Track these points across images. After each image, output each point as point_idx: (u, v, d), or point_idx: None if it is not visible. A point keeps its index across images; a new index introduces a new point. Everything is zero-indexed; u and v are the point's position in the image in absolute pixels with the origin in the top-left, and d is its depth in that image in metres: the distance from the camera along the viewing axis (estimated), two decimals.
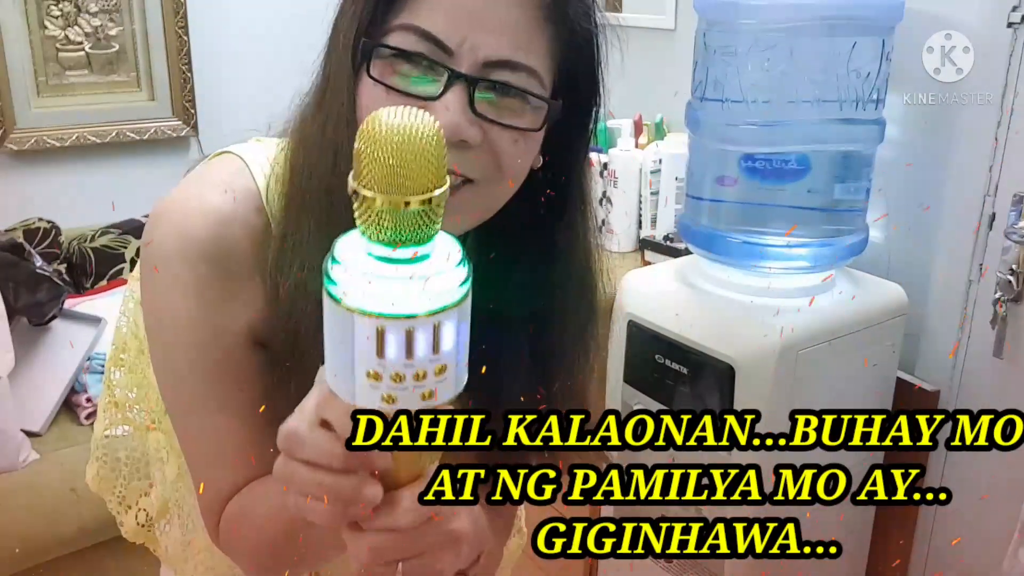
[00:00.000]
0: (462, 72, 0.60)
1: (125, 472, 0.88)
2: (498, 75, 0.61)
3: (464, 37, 0.60)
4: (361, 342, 0.45)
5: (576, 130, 0.71)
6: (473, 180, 0.64)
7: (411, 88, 0.61)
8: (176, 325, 0.68)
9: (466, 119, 0.60)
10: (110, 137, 2.50)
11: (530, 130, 0.64)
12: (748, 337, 1.39)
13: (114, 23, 2.46)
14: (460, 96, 0.60)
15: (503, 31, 0.61)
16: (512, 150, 0.64)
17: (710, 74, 1.46)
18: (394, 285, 0.44)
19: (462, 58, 0.60)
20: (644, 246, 1.95)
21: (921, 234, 1.63)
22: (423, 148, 0.43)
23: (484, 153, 0.63)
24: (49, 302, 2.10)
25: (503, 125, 0.62)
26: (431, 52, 0.61)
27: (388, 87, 0.61)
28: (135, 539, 0.92)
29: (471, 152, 0.62)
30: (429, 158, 0.43)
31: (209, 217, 0.66)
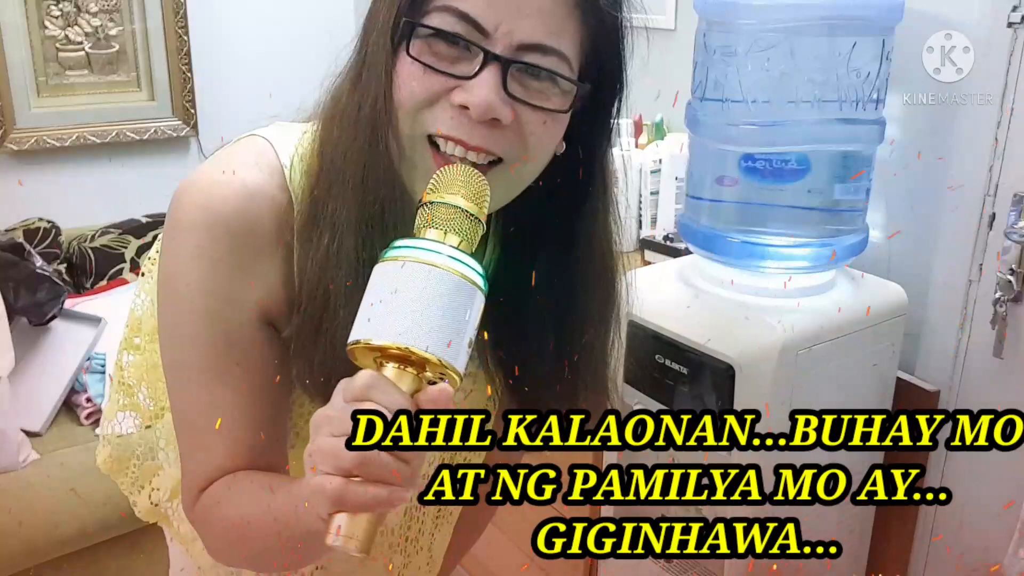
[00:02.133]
0: (497, 53, 0.63)
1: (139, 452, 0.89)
2: (530, 58, 0.64)
3: (500, 20, 0.63)
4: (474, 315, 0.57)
5: (600, 117, 0.73)
6: (501, 159, 0.66)
7: (448, 67, 0.64)
8: (190, 291, 0.70)
9: (499, 98, 0.63)
10: (110, 137, 2.50)
11: (558, 111, 0.67)
12: (748, 337, 1.39)
13: (114, 23, 2.46)
14: (494, 76, 0.63)
15: (537, 16, 0.64)
16: (540, 131, 0.66)
17: (710, 74, 1.46)
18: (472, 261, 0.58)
19: (497, 40, 0.63)
20: (644, 246, 1.95)
21: (921, 234, 1.63)
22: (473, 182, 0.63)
23: (513, 133, 0.66)
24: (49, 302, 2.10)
25: (533, 106, 0.65)
26: (468, 33, 0.64)
27: (426, 66, 0.64)
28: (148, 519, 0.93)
29: (501, 131, 0.65)
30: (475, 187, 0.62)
31: (235, 189, 0.69)
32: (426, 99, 0.65)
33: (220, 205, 0.68)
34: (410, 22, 0.65)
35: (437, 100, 0.65)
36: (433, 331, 0.54)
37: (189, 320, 0.71)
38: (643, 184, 1.97)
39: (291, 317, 0.70)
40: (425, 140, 0.66)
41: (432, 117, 0.65)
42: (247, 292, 0.70)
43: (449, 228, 0.59)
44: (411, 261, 0.56)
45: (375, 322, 0.55)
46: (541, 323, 0.76)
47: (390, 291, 0.55)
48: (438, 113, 0.65)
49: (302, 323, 0.69)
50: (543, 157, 0.70)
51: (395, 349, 0.54)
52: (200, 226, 0.68)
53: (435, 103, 0.65)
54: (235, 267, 0.69)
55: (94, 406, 2.09)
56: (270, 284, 0.70)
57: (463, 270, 0.57)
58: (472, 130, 0.64)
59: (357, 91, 0.69)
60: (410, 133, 0.66)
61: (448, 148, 0.65)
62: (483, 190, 0.61)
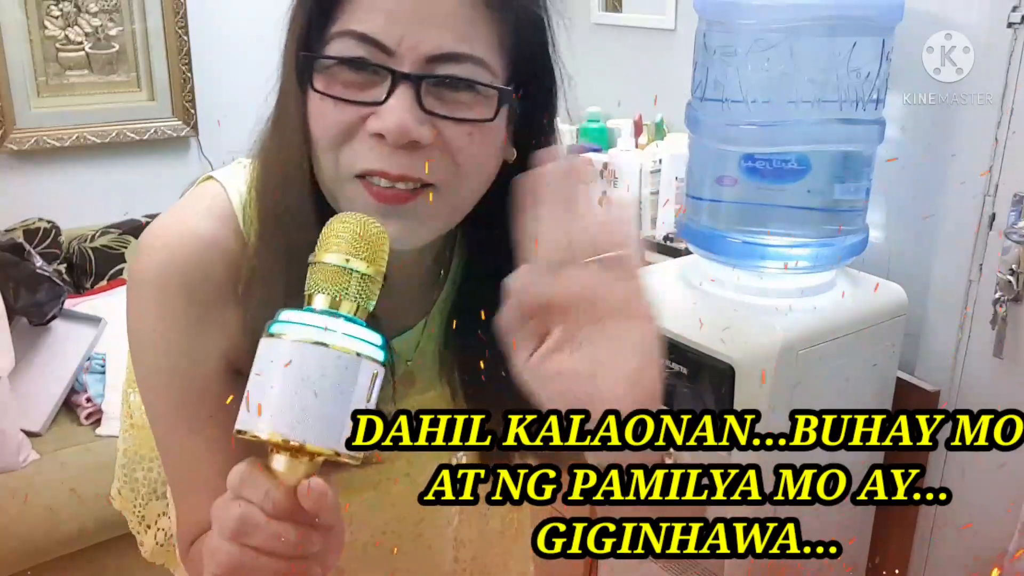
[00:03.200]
0: (405, 72, 0.59)
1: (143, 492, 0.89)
2: (443, 69, 0.60)
3: (402, 35, 0.59)
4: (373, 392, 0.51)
5: (538, 118, 0.69)
6: (432, 184, 0.62)
7: (357, 95, 0.60)
8: (153, 348, 0.69)
9: (414, 118, 0.59)
10: (110, 137, 2.50)
11: (483, 120, 0.62)
12: (748, 337, 1.39)
13: (114, 23, 2.46)
14: (406, 96, 0.59)
15: (443, 23, 0.60)
16: (468, 145, 0.62)
17: (710, 74, 1.46)
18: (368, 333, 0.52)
19: (403, 57, 0.59)
20: (644, 246, 1.95)
21: (921, 234, 1.63)
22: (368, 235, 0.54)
23: (439, 152, 0.61)
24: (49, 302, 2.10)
25: (454, 119, 0.61)
26: (371, 55, 0.60)
27: (335, 98, 0.61)
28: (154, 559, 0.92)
29: (424, 152, 0.61)
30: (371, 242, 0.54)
31: (187, 244, 0.67)
32: (341, 134, 0.61)
33: (173, 259, 0.67)
34: (309, 55, 0.62)
35: (353, 133, 0.61)
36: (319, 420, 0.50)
37: (154, 376, 0.71)
38: (643, 184, 1.97)
39: None
40: (354, 179, 0.62)
41: (352, 153, 0.62)
42: (208, 345, 0.69)
43: (339, 293, 0.53)
44: (296, 340, 0.50)
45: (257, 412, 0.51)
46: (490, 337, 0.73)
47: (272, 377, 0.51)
48: (356, 147, 0.61)
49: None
50: (480, 172, 0.65)
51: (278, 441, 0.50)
52: (155, 282, 0.67)
53: (352, 137, 0.61)
54: (193, 321, 0.68)
55: (94, 406, 2.09)
56: (231, 334, 0.68)
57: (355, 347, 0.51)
58: (391, 158, 0.60)
59: (277, 132, 0.66)
60: (336, 175, 0.63)
61: (374, 180, 0.62)
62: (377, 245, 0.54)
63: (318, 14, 0.62)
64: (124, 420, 0.88)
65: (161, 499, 0.91)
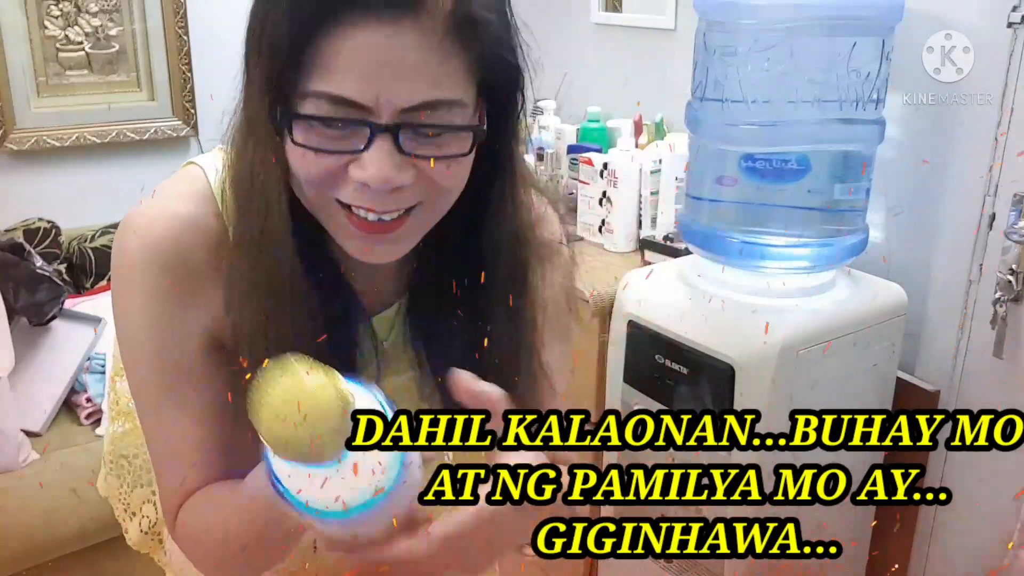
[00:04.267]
0: (383, 124, 0.61)
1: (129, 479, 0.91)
2: (419, 117, 0.62)
3: (378, 93, 0.60)
4: None
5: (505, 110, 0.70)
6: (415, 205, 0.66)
7: (338, 145, 0.62)
8: (137, 329, 0.72)
9: (395, 166, 0.62)
10: (110, 137, 2.50)
11: (460, 155, 0.65)
12: (748, 337, 1.39)
13: (114, 23, 2.46)
14: (385, 145, 0.61)
15: (415, 75, 0.61)
16: (447, 175, 0.65)
17: (710, 74, 1.46)
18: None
19: (381, 110, 0.61)
20: (644, 246, 1.95)
21: (921, 234, 1.63)
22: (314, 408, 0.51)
23: (421, 183, 0.64)
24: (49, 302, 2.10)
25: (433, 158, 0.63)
26: (348, 114, 0.61)
27: (316, 150, 0.62)
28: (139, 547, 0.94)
29: (408, 189, 0.64)
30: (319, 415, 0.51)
31: (169, 224, 0.70)
32: (323, 179, 0.64)
33: (154, 240, 0.69)
34: (288, 112, 0.63)
35: (338, 176, 0.63)
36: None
37: (139, 356, 0.73)
38: (643, 184, 1.97)
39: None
40: (336, 203, 0.65)
41: (336, 190, 0.64)
42: (191, 322, 0.71)
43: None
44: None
45: None
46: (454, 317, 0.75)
47: None
48: (341, 186, 0.64)
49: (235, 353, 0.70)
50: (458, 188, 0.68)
51: None
52: (137, 263, 0.70)
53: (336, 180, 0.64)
54: (174, 300, 0.70)
55: (94, 406, 2.09)
56: (213, 311, 0.71)
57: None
58: (376, 198, 0.63)
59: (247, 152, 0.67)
60: (319, 202, 0.66)
61: (360, 212, 0.65)
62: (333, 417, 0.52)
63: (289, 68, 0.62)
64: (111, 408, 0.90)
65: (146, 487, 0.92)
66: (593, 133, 2.26)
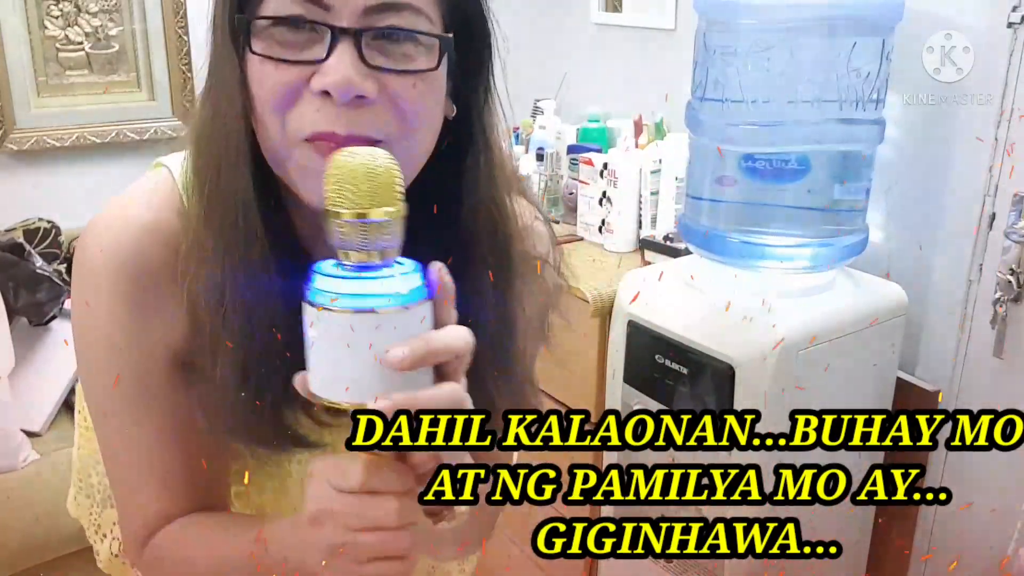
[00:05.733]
0: (343, 26, 0.58)
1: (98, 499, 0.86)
2: (382, 20, 0.59)
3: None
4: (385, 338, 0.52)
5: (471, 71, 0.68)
6: (381, 140, 0.61)
7: (299, 55, 0.60)
8: (96, 338, 0.68)
9: (358, 73, 0.58)
10: (110, 137, 2.50)
11: (427, 70, 0.62)
12: (748, 337, 1.39)
13: (114, 23, 2.46)
14: (347, 51, 0.58)
15: None
16: (413, 96, 0.61)
17: (710, 74, 1.45)
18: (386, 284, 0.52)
19: (341, 11, 0.58)
20: (644, 246, 1.95)
21: (921, 234, 1.63)
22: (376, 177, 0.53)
23: (385, 108, 0.61)
24: (49, 302, 2.10)
25: (398, 72, 0.60)
26: (309, 12, 0.59)
27: (276, 60, 0.60)
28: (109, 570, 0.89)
29: (371, 110, 0.60)
30: (382, 183, 0.53)
31: (130, 230, 0.67)
32: (286, 95, 0.60)
33: (113, 246, 0.66)
34: (244, 16, 0.60)
35: (298, 94, 0.60)
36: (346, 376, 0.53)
37: (99, 368, 0.69)
38: (643, 184, 1.97)
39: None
40: (303, 143, 0.61)
41: (298, 117, 0.60)
42: (153, 334, 0.68)
43: (364, 246, 0.53)
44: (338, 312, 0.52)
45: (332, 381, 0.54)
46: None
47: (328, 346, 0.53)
48: (303, 110, 0.60)
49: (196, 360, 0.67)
50: (427, 125, 0.64)
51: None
52: (96, 270, 0.67)
53: (298, 97, 0.60)
54: (135, 309, 0.67)
55: None
56: (175, 321, 0.67)
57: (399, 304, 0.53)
58: (339, 118, 0.59)
59: (210, 101, 0.65)
60: (284, 139, 0.62)
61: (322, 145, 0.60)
62: (391, 183, 0.54)
63: None
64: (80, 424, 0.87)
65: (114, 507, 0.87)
66: (593, 133, 2.26)
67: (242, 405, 0.64)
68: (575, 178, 2.11)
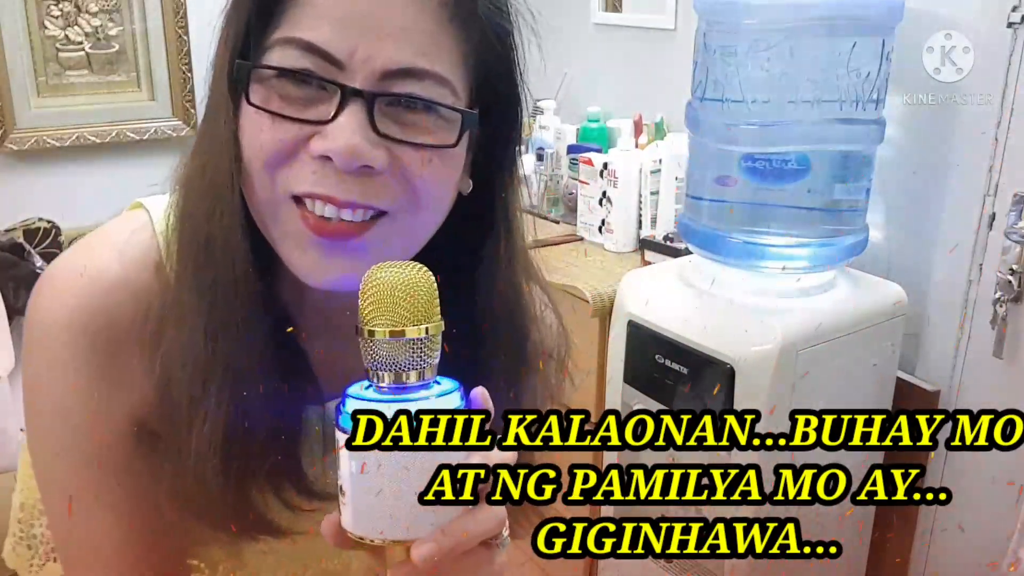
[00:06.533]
0: (357, 88, 0.52)
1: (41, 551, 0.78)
2: (400, 86, 0.53)
3: (355, 46, 0.52)
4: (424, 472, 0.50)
5: (497, 147, 0.62)
6: (386, 212, 0.56)
7: (301, 112, 0.53)
8: (51, 406, 0.60)
9: (366, 141, 0.52)
10: (110, 137, 2.50)
11: (444, 147, 0.55)
12: (748, 337, 1.39)
13: (114, 23, 2.46)
14: (357, 115, 0.52)
15: (401, 35, 0.53)
16: (426, 173, 0.55)
17: (710, 74, 1.45)
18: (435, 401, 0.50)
19: (356, 71, 0.52)
20: (644, 246, 1.95)
21: (921, 234, 1.63)
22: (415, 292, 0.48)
23: (393, 179, 0.55)
24: None
25: (411, 144, 0.54)
26: (319, 67, 0.53)
27: (273, 114, 0.53)
28: None
29: (378, 179, 0.54)
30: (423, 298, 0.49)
31: (95, 284, 0.59)
32: (278, 153, 0.54)
33: (78, 302, 0.58)
34: (245, 64, 0.54)
35: (293, 153, 0.54)
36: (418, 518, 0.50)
37: (52, 442, 0.61)
38: (643, 184, 1.97)
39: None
40: (290, 201, 0.55)
41: (291, 175, 0.54)
42: (115, 403, 0.60)
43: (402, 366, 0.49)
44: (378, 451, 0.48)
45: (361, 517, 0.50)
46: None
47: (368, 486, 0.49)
48: (297, 169, 0.54)
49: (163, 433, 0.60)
50: (438, 203, 0.58)
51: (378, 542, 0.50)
52: (55, 329, 0.58)
53: (292, 157, 0.54)
54: (97, 374, 0.59)
55: None
56: (141, 388, 0.59)
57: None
58: (340, 183, 0.53)
59: (201, 150, 0.59)
60: (270, 196, 0.55)
61: (317, 208, 0.54)
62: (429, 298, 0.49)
63: (257, 17, 0.54)
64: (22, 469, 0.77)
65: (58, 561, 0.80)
66: (593, 133, 2.26)
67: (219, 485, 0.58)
68: (575, 178, 2.11)
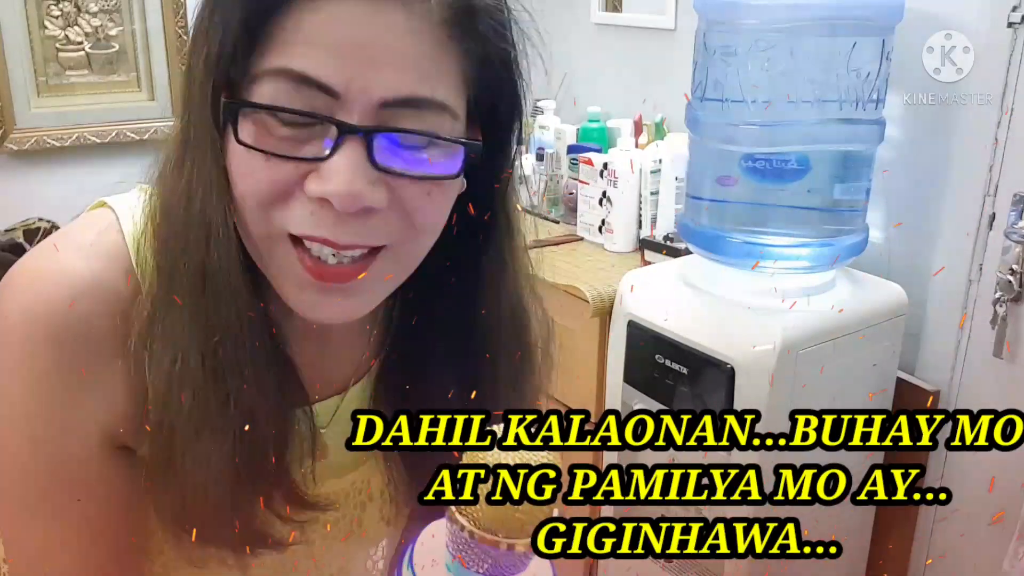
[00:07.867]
0: (354, 124, 0.49)
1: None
2: (400, 116, 0.50)
3: (351, 76, 0.49)
4: None
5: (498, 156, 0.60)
6: (384, 246, 0.54)
7: (294, 150, 0.50)
8: (11, 415, 0.56)
9: (366, 181, 0.50)
10: (110, 137, 2.50)
11: (445, 177, 0.53)
12: (748, 337, 1.39)
13: (114, 23, 2.46)
14: (355, 152, 0.49)
15: (400, 63, 0.50)
16: (426, 205, 0.53)
17: (710, 74, 1.46)
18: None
19: (352, 103, 0.49)
20: (644, 246, 1.95)
21: (921, 234, 1.63)
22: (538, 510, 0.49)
23: (394, 213, 0.52)
24: None
25: (411, 177, 0.52)
26: (313, 101, 0.49)
27: (265, 154, 0.50)
28: None
29: (378, 215, 0.52)
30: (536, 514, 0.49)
31: (62, 287, 0.55)
32: (272, 195, 0.51)
33: (42, 307, 0.54)
34: (234, 103, 0.50)
35: (289, 194, 0.51)
36: None
37: (13, 450, 0.57)
38: (643, 184, 1.97)
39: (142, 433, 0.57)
40: (287, 240, 0.52)
41: (288, 215, 0.51)
42: (83, 413, 0.56)
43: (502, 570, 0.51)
44: None
45: None
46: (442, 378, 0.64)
47: None
48: (294, 209, 0.51)
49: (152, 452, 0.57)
50: (437, 227, 0.56)
51: None
52: (18, 334, 0.54)
53: (288, 197, 0.51)
54: (65, 383, 0.55)
55: None
56: (113, 398, 0.56)
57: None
58: (339, 225, 0.50)
59: (183, 177, 0.54)
60: (265, 233, 0.53)
61: (314, 249, 0.52)
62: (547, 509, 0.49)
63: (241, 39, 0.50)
64: None
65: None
66: (593, 133, 2.26)
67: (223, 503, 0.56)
68: (575, 178, 2.11)
